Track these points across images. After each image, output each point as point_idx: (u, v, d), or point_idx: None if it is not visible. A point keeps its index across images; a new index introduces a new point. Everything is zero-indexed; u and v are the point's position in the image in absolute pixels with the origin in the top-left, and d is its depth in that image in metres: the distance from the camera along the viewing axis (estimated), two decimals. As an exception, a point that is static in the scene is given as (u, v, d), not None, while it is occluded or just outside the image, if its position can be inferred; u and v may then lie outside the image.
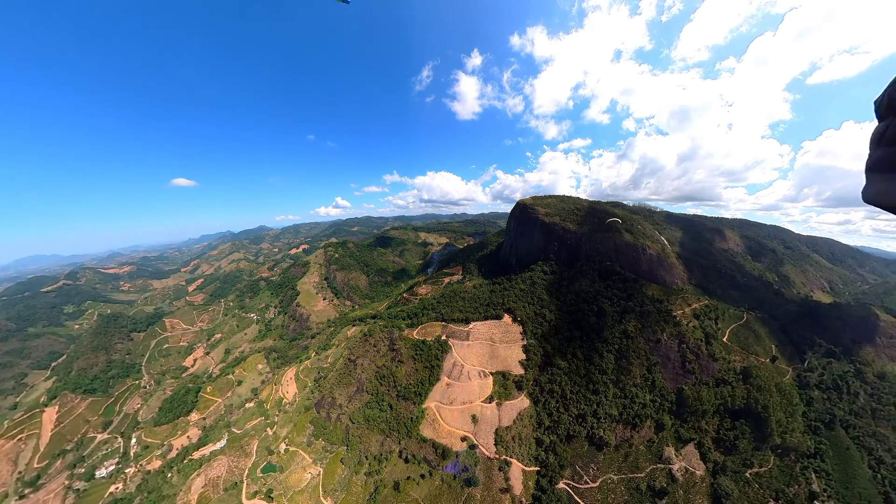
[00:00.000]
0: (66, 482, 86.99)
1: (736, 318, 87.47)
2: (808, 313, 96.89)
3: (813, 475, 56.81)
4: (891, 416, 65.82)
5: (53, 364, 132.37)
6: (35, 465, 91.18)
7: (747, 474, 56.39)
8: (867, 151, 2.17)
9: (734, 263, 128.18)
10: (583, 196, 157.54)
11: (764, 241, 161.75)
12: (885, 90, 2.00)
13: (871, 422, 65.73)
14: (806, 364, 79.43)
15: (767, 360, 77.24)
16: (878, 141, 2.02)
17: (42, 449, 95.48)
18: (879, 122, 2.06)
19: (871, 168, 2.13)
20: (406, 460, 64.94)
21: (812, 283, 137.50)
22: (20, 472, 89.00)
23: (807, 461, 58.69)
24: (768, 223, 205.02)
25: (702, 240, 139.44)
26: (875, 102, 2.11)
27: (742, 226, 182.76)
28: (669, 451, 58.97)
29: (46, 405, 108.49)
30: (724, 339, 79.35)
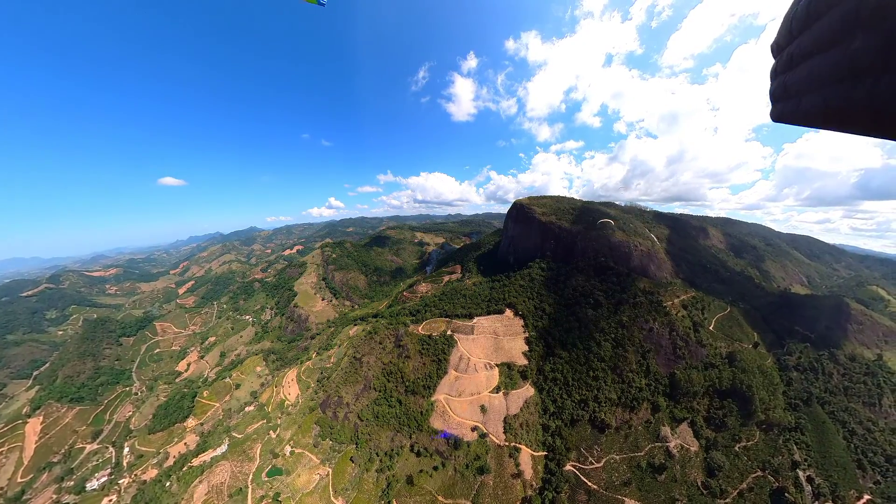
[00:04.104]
0: (54, 496, 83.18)
1: (721, 309, 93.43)
2: (786, 304, 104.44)
3: (794, 447, 61.91)
4: (861, 393, 72.28)
5: (36, 373, 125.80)
6: (19, 480, 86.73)
7: (736, 448, 60.80)
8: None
9: (718, 259, 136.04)
10: (575, 197, 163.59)
11: (745, 238, 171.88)
12: (775, 38, 2.56)
13: (844, 399, 71.96)
14: (785, 349, 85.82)
15: (750, 346, 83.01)
16: (773, 75, 2.72)
17: (26, 462, 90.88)
18: (774, 60, 2.67)
19: (770, 96, 2.75)
20: (418, 454, 66.14)
21: (791, 278, 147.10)
22: (2, 489, 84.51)
23: (788, 434, 63.80)
24: (751, 222, 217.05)
25: (688, 237, 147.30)
26: (771, 46, 2.71)
27: (725, 224, 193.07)
28: (665, 430, 62.84)
29: (29, 416, 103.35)
30: (711, 328, 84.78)
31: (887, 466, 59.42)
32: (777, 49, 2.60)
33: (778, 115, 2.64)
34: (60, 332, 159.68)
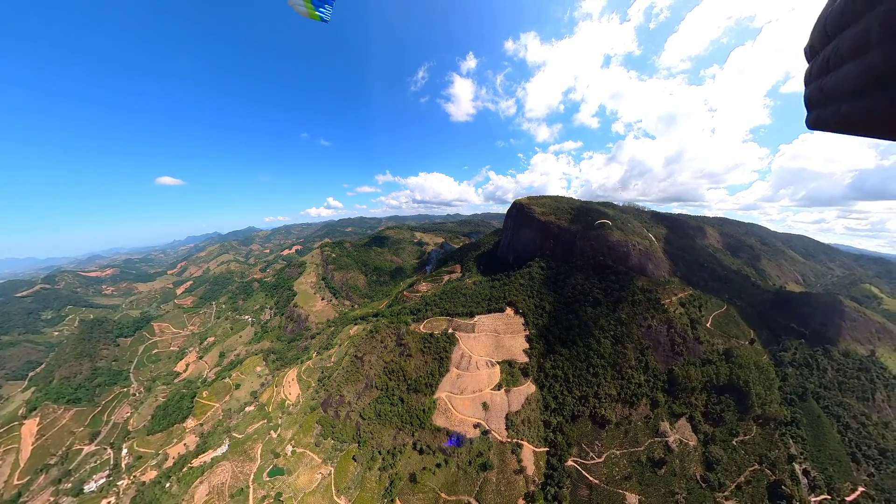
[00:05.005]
0: (52, 499, 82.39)
1: (717, 307, 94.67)
2: (782, 301, 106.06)
3: (790, 440, 63.03)
4: (855, 387, 73.70)
5: (31, 374, 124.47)
6: (15, 482, 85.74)
7: (734, 442, 61.81)
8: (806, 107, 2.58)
9: (715, 258, 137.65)
10: (574, 196, 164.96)
11: (742, 237, 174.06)
12: (809, 40, 2.41)
13: (838, 393, 73.33)
14: (781, 345, 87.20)
15: (746, 343, 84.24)
16: (808, 79, 2.52)
17: (22, 464, 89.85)
18: (808, 63, 2.50)
19: (806, 102, 2.56)
20: (420, 451, 66.41)
21: (786, 276, 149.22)
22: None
23: (784, 428, 64.91)
24: (747, 222, 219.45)
25: (685, 236, 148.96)
26: (804, 49, 2.54)
27: (722, 224, 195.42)
28: (664, 425, 63.71)
29: (26, 417, 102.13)
30: (708, 325, 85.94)
31: (881, 459, 60.71)
32: (811, 52, 2.46)
33: (814, 122, 2.48)
34: (56, 333, 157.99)
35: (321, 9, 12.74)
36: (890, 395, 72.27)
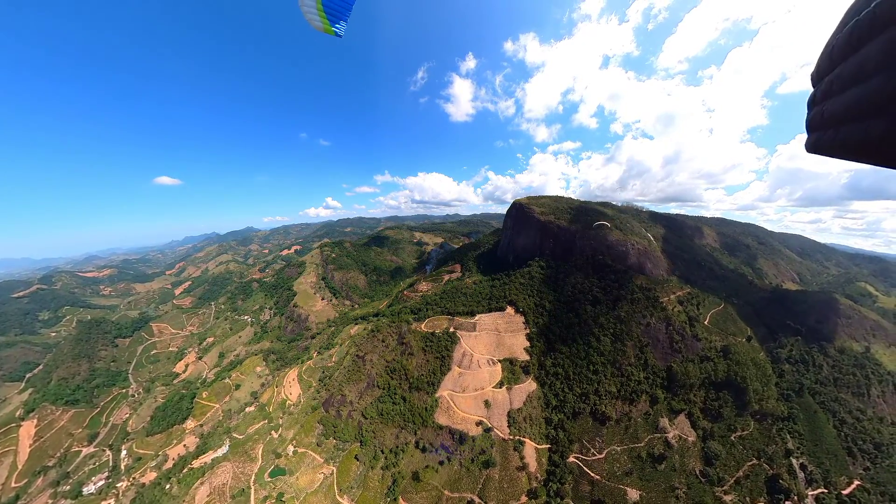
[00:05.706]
0: (51, 501, 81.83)
1: (715, 305, 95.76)
2: (778, 299, 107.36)
3: (787, 435, 64.01)
4: (850, 383, 74.91)
5: (29, 375, 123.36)
6: (13, 485, 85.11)
7: (732, 438, 62.65)
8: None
9: (713, 257, 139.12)
10: (573, 197, 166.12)
11: (739, 237, 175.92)
12: (815, 66, 2.48)
13: (833, 389, 74.47)
14: (777, 342, 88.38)
15: (743, 340, 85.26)
16: (811, 104, 2.56)
17: (20, 466, 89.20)
18: (813, 88, 2.54)
19: (807, 126, 2.58)
20: (423, 450, 66.74)
21: (783, 275, 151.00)
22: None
23: (781, 424, 65.89)
24: (745, 222, 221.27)
25: (683, 236, 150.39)
26: (811, 75, 2.59)
27: (719, 223, 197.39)
28: (664, 421, 64.47)
29: (23, 419, 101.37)
30: (706, 323, 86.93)
31: (876, 453, 61.82)
32: (817, 77, 2.53)
33: (813, 146, 2.52)
34: (53, 334, 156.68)
35: (337, 25, 12.68)
36: (884, 391, 73.55)
